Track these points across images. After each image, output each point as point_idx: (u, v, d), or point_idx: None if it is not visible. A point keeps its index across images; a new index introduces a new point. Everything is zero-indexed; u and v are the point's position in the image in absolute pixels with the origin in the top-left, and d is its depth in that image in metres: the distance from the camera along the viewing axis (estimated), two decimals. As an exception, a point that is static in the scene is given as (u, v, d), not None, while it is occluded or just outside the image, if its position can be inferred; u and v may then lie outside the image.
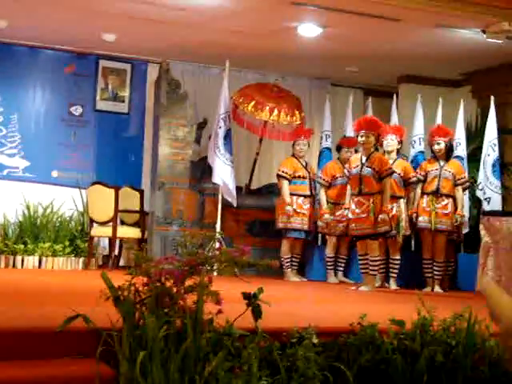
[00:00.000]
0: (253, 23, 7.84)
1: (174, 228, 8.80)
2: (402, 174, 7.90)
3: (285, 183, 8.31)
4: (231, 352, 3.49)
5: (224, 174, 8.41)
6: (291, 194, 8.32)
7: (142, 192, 9.17)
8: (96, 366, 3.26)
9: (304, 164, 8.49)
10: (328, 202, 8.33)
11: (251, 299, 3.65)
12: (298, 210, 8.32)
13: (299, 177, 8.40)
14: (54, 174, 9.22)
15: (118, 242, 8.86)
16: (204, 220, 8.92)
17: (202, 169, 8.98)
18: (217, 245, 3.82)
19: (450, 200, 7.81)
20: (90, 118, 9.46)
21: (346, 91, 9.91)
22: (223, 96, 8.49)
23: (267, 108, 8.53)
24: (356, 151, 8.25)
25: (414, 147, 8.73)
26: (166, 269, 3.53)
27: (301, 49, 8.57)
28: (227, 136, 8.49)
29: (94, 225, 8.80)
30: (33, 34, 8.73)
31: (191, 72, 9.52)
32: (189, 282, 3.57)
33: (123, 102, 9.66)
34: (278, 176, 8.42)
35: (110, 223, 8.62)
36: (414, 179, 7.94)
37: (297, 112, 8.67)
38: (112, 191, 8.65)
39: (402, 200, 7.89)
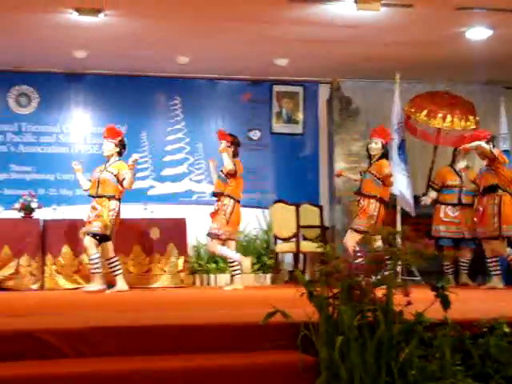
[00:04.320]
0: (420, 33, 7.93)
1: (354, 240, 8.98)
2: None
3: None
4: (423, 341, 3.64)
5: (400, 185, 8.51)
6: (441, 203, 8.36)
7: (321, 207, 9.49)
8: (296, 354, 3.54)
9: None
10: None
11: (439, 290, 3.78)
12: (445, 219, 8.32)
13: (448, 186, 8.41)
14: (239, 195, 9.77)
15: (301, 257, 9.21)
16: (384, 231, 9.02)
17: (377, 181, 9.13)
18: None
19: None
20: (267, 141, 9.94)
21: (520, 92, 9.70)
22: (395, 108, 8.64)
23: (440, 115, 8.55)
24: None
25: None
26: (355, 264, 3.76)
27: (470, 54, 8.50)
28: (401, 147, 8.61)
29: (278, 241, 9.22)
30: (211, 67, 9.36)
31: (361, 88, 9.75)
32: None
33: (297, 123, 10.05)
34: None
35: (293, 239, 9.00)
36: None
37: (471, 117, 8.61)
38: (293, 208, 9.04)
39: None
